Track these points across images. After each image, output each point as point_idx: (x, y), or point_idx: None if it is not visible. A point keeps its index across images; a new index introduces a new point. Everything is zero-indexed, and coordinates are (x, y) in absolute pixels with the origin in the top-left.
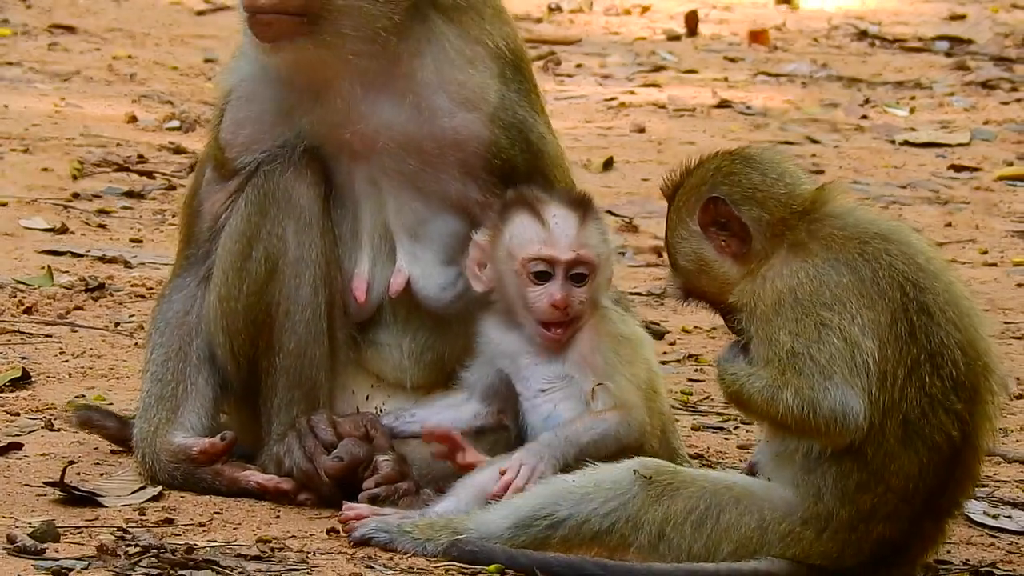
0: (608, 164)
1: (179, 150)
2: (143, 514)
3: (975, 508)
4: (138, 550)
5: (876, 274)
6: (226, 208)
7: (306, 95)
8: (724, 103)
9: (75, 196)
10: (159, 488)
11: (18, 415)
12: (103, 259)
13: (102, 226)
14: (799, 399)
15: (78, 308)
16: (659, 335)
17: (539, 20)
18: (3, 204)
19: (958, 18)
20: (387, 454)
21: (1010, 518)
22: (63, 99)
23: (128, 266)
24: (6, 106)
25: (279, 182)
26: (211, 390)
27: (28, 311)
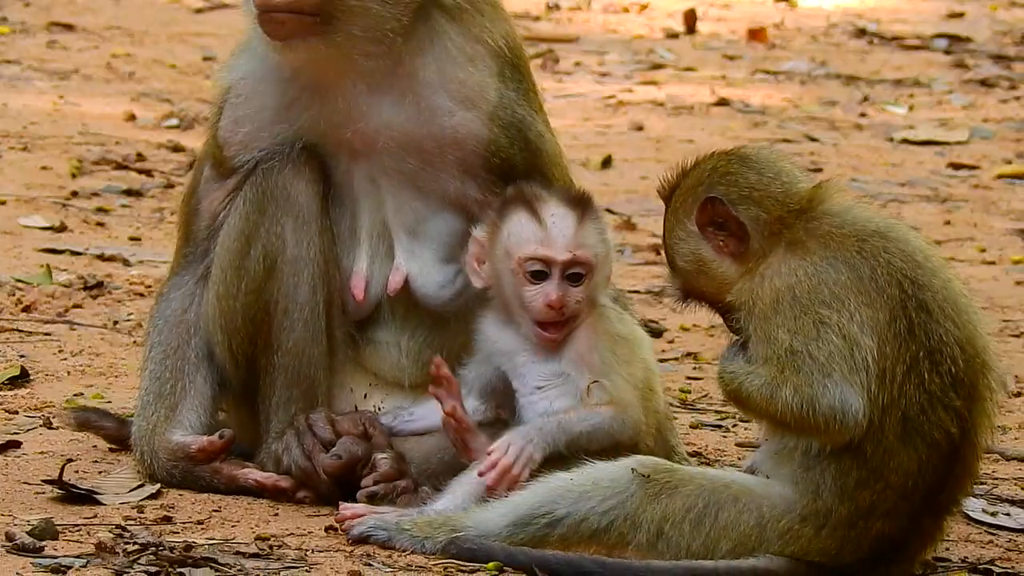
0: (607, 162)
1: (178, 148)
2: (142, 512)
3: (974, 505)
4: (137, 548)
5: (874, 272)
6: (224, 206)
7: (308, 93)
8: (723, 101)
9: (74, 194)
10: (157, 486)
11: (16, 413)
12: (102, 257)
13: (101, 224)
14: (798, 397)
15: (77, 306)
16: (657, 333)
17: (538, 18)
18: (2, 202)
19: (957, 16)
20: (385, 452)
21: (1008, 515)
22: (62, 97)
23: (127, 264)
24: (5, 104)
25: (277, 180)
26: (209, 388)
27: (27, 309)
